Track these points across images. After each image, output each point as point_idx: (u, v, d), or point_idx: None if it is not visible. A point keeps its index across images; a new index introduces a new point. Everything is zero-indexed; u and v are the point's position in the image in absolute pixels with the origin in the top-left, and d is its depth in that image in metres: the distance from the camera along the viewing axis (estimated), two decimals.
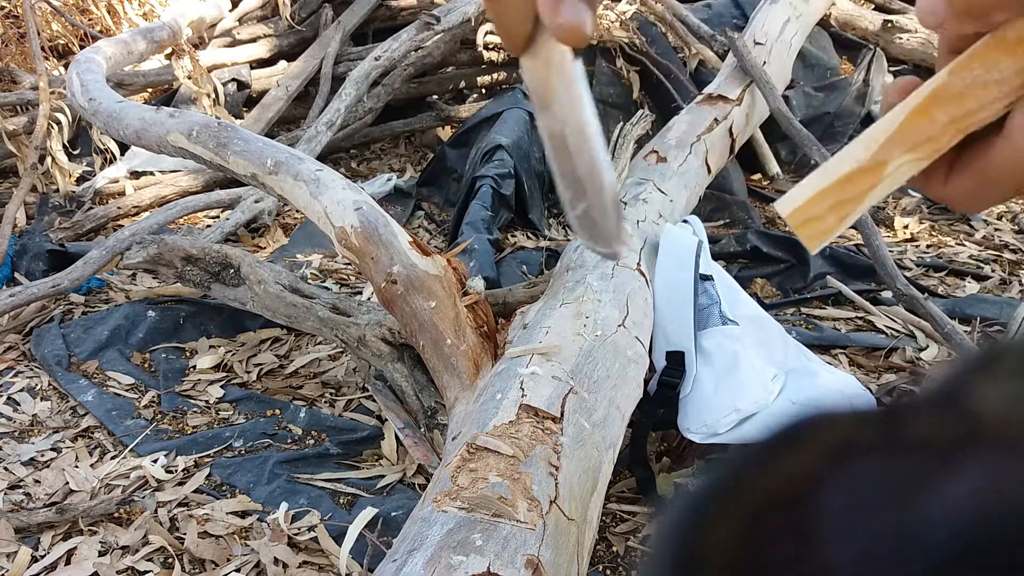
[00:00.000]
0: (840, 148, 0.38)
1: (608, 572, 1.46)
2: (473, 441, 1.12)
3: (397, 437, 1.74)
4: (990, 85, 0.35)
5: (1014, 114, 0.34)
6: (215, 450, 1.73)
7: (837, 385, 1.57)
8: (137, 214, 2.85)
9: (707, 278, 1.64)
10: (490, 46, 3.50)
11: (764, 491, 0.21)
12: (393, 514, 1.52)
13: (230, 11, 3.67)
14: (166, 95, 3.40)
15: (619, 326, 1.44)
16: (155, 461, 1.69)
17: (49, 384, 1.96)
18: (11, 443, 1.76)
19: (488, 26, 3.42)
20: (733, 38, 2.53)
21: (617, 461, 1.29)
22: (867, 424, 0.22)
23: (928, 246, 2.70)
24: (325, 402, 1.93)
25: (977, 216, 2.88)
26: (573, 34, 0.39)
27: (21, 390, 1.93)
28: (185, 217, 2.75)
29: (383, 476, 1.67)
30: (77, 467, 1.69)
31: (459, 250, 1.86)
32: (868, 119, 3.10)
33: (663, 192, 1.93)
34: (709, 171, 2.19)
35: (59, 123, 2.77)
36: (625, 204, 1.84)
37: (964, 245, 2.71)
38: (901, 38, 3.16)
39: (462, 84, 3.71)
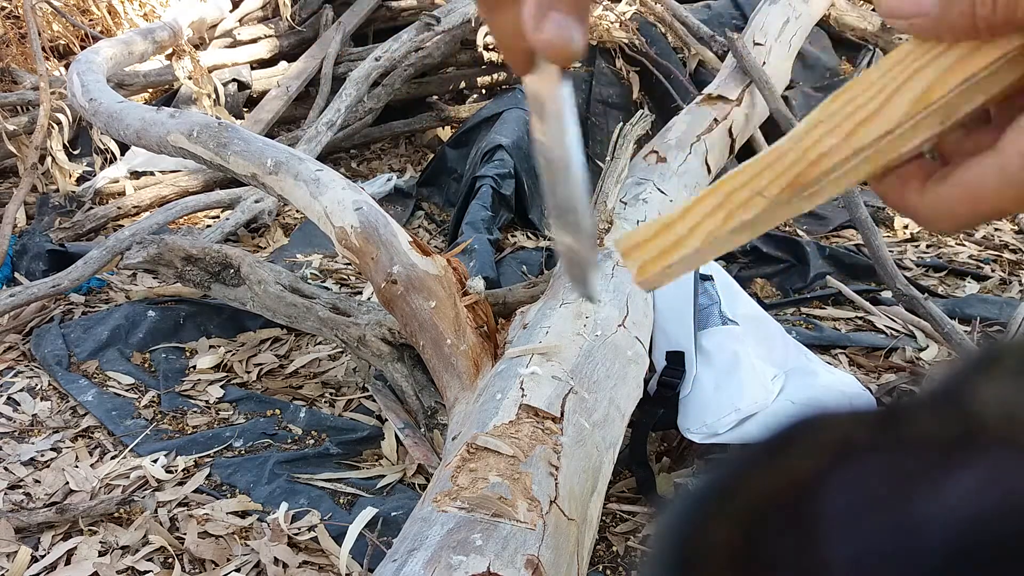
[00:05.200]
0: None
1: (608, 572, 1.46)
2: (473, 441, 1.12)
3: (397, 437, 1.74)
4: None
5: (1009, 132, 0.31)
6: (215, 450, 1.73)
7: (837, 385, 1.57)
8: (137, 214, 2.85)
9: (707, 278, 1.64)
10: (490, 47, 3.50)
11: (764, 491, 0.21)
12: (393, 514, 1.52)
13: (231, 12, 3.67)
14: (167, 95, 3.40)
15: (619, 326, 1.44)
16: (155, 461, 1.69)
17: (49, 384, 1.96)
18: (11, 443, 1.75)
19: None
20: (733, 39, 2.54)
21: (617, 461, 1.29)
22: (867, 424, 0.22)
23: (928, 246, 2.70)
24: (325, 402, 1.93)
25: None
26: (559, 52, 0.37)
27: (21, 390, 1.93)
28: (185, 217, 2.75)
29: (383, 476, 1.67)
30: (77, 467, 1.69)
31: (459, 250, 1.86)
32: None
33: (663, 192, 1.93)
34: (709, 171, 2.19)
35: (59, 123, 2.77)
36: (625, 204, 1.84)
37: (964, 245, 2.71)
38: (900, 38, 3.17)
39: (462, 84, 3.71)
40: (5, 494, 1.60)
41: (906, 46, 0.33)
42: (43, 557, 1.45)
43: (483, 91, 3.74)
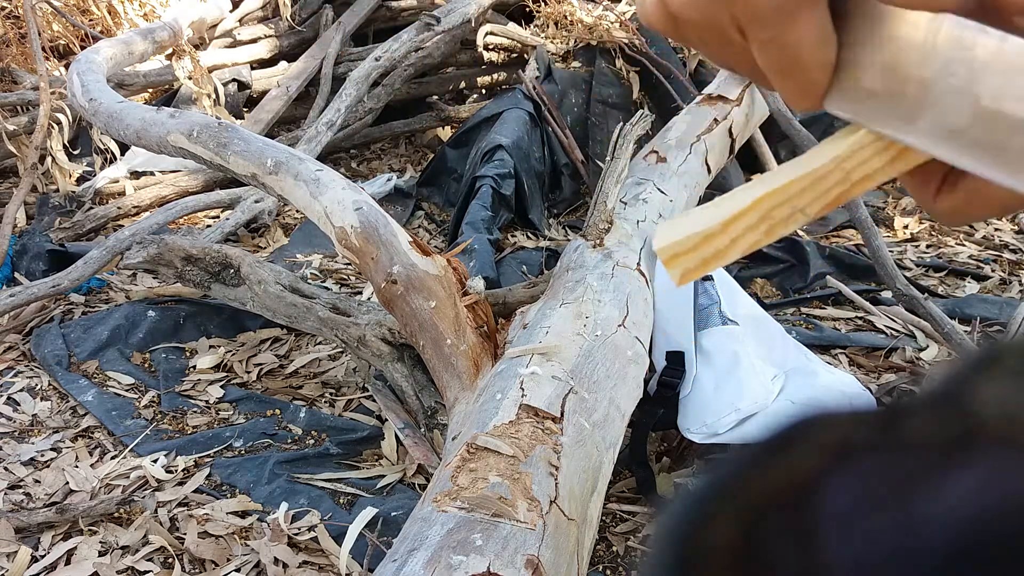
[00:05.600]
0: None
1: (608, 572, 1.46)
2: (473, 441, 1.12)
3: (397, 437, 1.74)
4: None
5: None
6: (215, 450, 1.73)
7: (837, 385, 1.58)
8: (137, 214, 2.85)
9: (707, 278, 1.64)
10: (490, 47, 3.50)
11: (764, 491, 0.21)
12: (393, 514, 1.52)
13: (231, 12, 3.67)
14: (167, 95, 3.40)
15: (619, 326, 1.44)
16: (155, 461, 1.69)
17: (49, 384, 1.96)
18: (11, 443, 1.76)
19: (488, 26, 3.42)
20: None
21: (617, 461, 1.29)
22: (867, 424, 0.22)
23: (928, 246, 2.70)
24: (325, 402, 1.93)
25: None
26: None
27: (21, 390, 1.93)
28: (185, 217, 2.75)
29: (383, 476, 1.67)
30: (77, 467, 1.69)
31: (459, 250, 1.86)
32: None
33: (663, 192, 1.93)
34: (709, 171, 2.19)
35: (59, 123, 2.77)
36: (625, 204, 1.84)
37: (964, 245, 2.71)
38: None
39: (462, 84, 3.71)
40: (5, 494, 1.60)
41: None
42: (43, 557, 1.45)
43: (483, 91, 3.74)
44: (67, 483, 1.64)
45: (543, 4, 3.43)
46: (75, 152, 3.03)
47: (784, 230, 0.34)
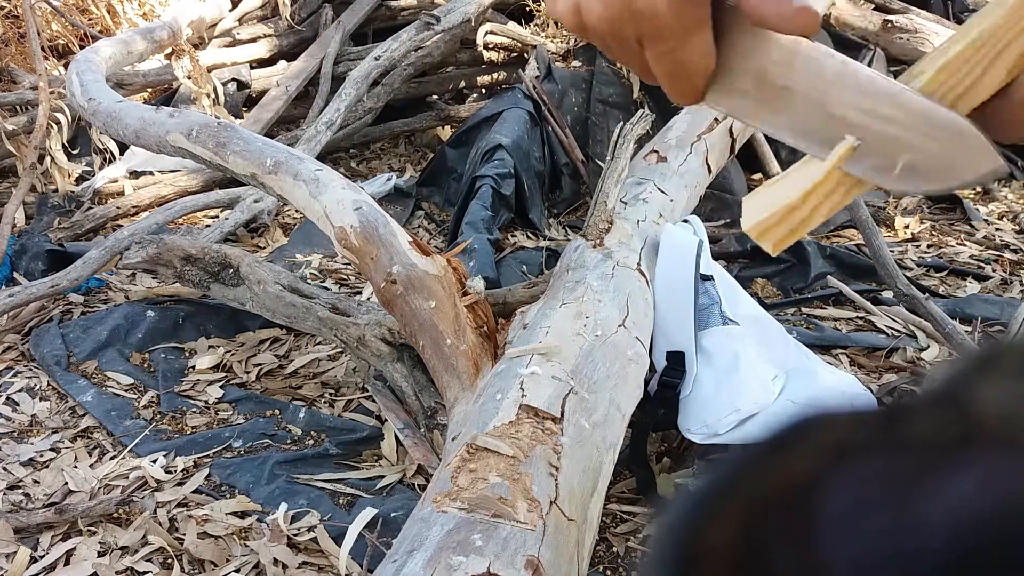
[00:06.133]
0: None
1: (608, 572, 1.46)
2: (473, 441, 1.12)
3: (397, 437, 1.74)
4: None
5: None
6: (214, 450, 1.73)
7: (838, 385, 1.57)
8: (136, 214, 2.85)
9: (708, 278, 1.64)
10: (490, 46, 3.50)
11: (764, 491, 0.21)
12: (393, 514, 1.52)
13: (230, 11, 3.67)
14: (166, 95, 3.40)
15: (619, 326, 1.44)
16: (154, 461, 1.69)
17: (48, 384, 1.96)
18: (10, 443, 1.75)
19: (488, 26, 3.42)
20: None
21: (617, 461, 1.29)
22: (867, 424, 0.22)
23: (929, 246, 2.70)
24: (325, 402, 1.93)
25: (978, 216, 2.88)
26: (808, 20, 0.37)
27: (20, 390, 1.93)
28: (184, 217, 2.75)
29: (383, 476, 1.66)
30: (76, 467, 1.69)
31: (459, 250, 1.86)
32: None
33: (663, 192, 1.93)
34: (709, 171, 2.19)
35: (58, 123, 2.77)
36: (625, 204, 1.84)
37: (965, 245, 2.71)
38: (901, 38, 3.16)
39: (462, 84, 3.71)
40: (4, 494, 1.60)
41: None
42: (42, 557, 1.45)
43: (483, 91, 3.74)
44: (66, 483, 1.64)
45: (543, 3, 3.43)
46: (74, 152, 3.02)
47: (860, 190, 0.40)
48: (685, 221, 1.88)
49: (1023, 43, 0.36)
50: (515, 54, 3.60)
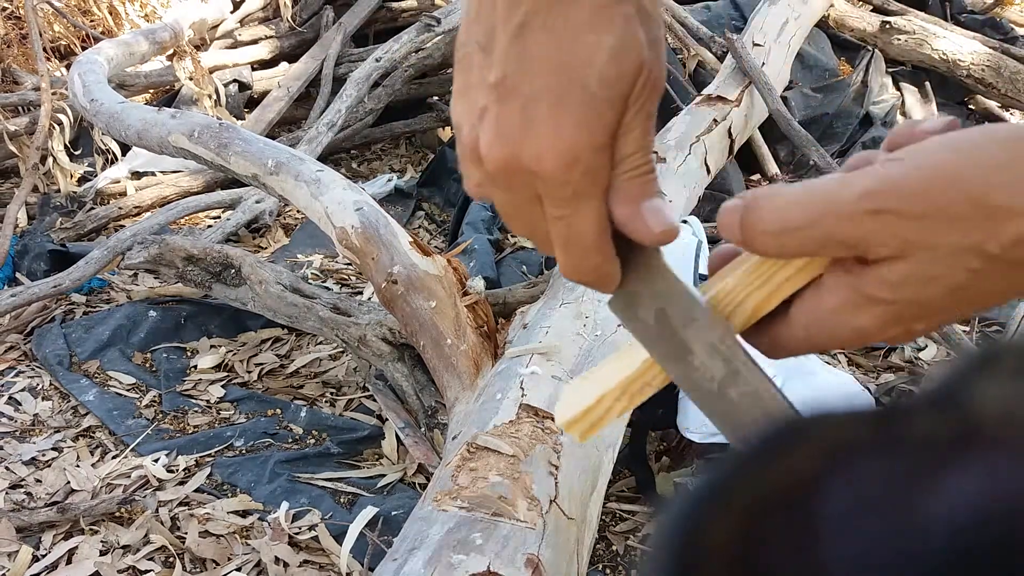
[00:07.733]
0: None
1: (608, 571, 1.46)
2: (473, 440, 1.13)
3: (398, 436, 1.74)
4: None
5: (826, 278, 0.36)
6: (216, 449, 1.74)
7: (836, 385, 1.57)
8: (138, 214, 2.85)
9: (705, 278, 1.64)
10: None
11: (763, 491, 0.21)
12: (393, 513, 1.52)
13: (231, 12, 3.67)
14: (168, 96, 3.40)
15: (619, 326, 1.44)
16: (156, 460, 1.69)
17: (50, 384, 1.96)
18: (12, 443, 1.76)
19: None
20: (732, 39, 2.54)
21: (617, 461, 1.30)
22: (866, 424, 0.22)
23: None
24: (326, 402, 1.93)
25: None
26: (669, 235, 0.38)
27: (22, 390, 1.93)
28: (186, 217, 2.75)
29: (383, 475, 1.67)
30: (78, 466, 1.69)
31: (459, 250, 1.86)
32: (866, 120, 3.09)
33: (662, 192, 1.93)
34: (708, 171, 2.19)
35: (60, 124, 2.77)
36: None
37: None
38: (899, 39, 3.16)
39: None
40: (6, 493, 1.60)
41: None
42: (44, 556, 1.46)
43: None
44: (68, 483, 1.64)
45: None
46: (76, 152, 3.02)
47: (641, 398, 0.42)
48: (684, 222, 1.88)
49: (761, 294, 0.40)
50: None
